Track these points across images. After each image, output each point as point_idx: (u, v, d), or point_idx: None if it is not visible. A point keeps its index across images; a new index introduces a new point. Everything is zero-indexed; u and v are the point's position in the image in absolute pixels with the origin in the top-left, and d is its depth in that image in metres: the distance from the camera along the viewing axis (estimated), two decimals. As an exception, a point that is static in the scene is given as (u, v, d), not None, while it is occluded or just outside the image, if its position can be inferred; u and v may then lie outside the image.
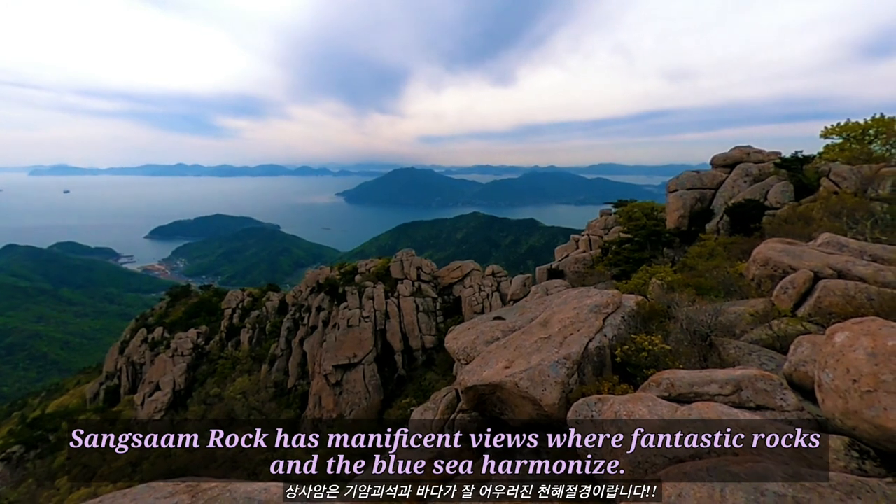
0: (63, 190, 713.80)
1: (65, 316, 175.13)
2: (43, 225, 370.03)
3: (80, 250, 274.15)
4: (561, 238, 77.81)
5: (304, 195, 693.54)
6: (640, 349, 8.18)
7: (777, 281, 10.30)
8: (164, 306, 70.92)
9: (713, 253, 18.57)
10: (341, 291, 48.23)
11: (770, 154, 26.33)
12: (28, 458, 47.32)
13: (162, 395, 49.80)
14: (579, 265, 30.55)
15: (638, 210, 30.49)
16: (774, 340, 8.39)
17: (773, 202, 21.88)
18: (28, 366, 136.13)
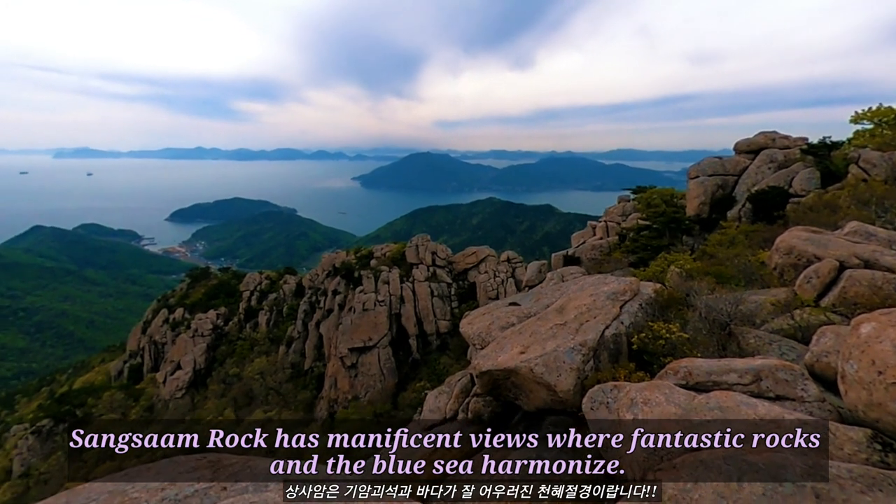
0: (86, 172, 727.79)
1: (90, 296, 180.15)
2: (67, 207, 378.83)
3: (103, 232, 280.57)
4: (577, 224, 77.11)
5: (320, 179, 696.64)
6: (657, 337, 8.10)
7: (800, 270, 10.07)
8: (185, 288, 72.40)
9: (734, 241, 18.21)
10: (357, 275, 48.65)
11: (796, 140, 25.57)
12: (57, 431, 49.17)
13: (183, 374, 51.14)
14: (596, 252, 30.28)
15: (657, 197, 29.97)
16: (796, 330, 8.23)
17: (798, 189, 21.31)
18: (55, 343, 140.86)
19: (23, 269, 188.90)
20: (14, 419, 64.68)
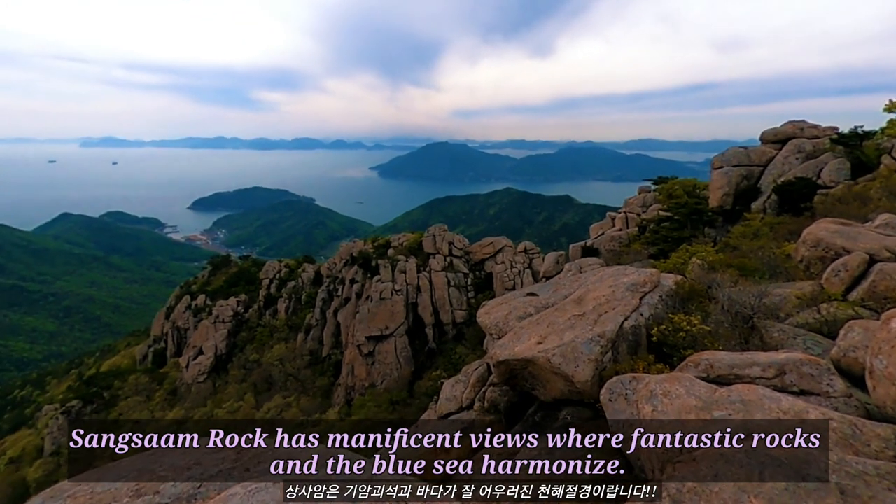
0: (111, 161, 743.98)
1: (115, 282, 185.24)
2: (94, 195, 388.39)
3: (128, 219, 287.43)
4: (596, 215, 76.19)
5: (338, 169, 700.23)
6: (677, 329, 8.00)
7: (828, 263, 9.81)
8: (206, 275, 73.87)
9: (758, 233, 17.81)
10: (374, 265, 48.98)
11: (826, 129, 24.76)
12: (85, 412, 50.95)
13: (205, 359, 52.36)
14: (615, 243, 29.93)
15: (679, 187, 29.40)
16: (822, 325, 8.04)
17: (827, 181, 20.69)
18: (83, 327, 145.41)
19: (52, 255, 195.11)
20: (45, 399, 67.24)
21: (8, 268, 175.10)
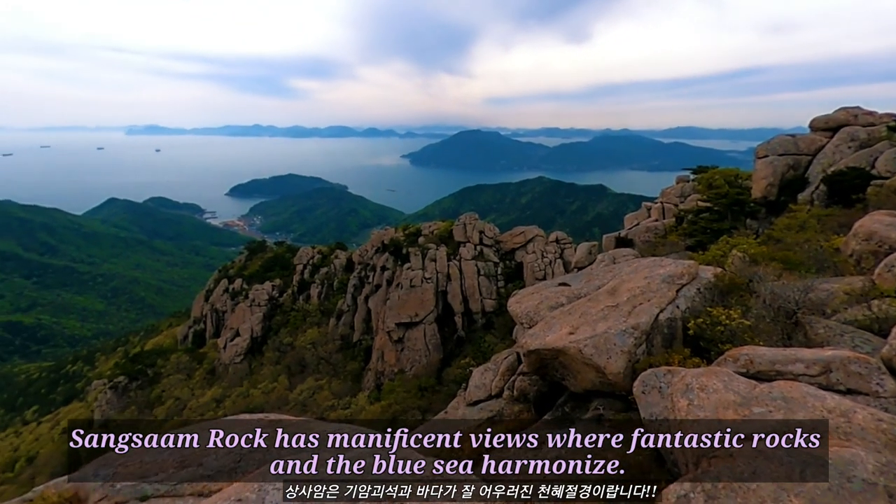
0: (155, 149, 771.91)
1: (158, 265, 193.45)
2: (138, 181, 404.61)
3: (169, 205, 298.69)
4: (631, 206, 74.35)
5: (370, 157, 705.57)
6: (715, 323, 7.77)
7: (881, 257, 9.30)
8: (243, 260, 76.08)
9: (804, 225, 17.01)
10: (405, 252, 49.33)
11: (882, 116, 23.32)
12: (131, 388, 53.66)
13: (241, 341, 54.16)
14: (650, 234, 29.16)
15: (719, 177, 28.30)
16: (872, 322, 7.65)
17: (882, 171, 19.52)
18: (129, 308, 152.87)
19: (100, 238, 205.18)
20: (95, 375, 71.24)
21: (61, 249, 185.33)
